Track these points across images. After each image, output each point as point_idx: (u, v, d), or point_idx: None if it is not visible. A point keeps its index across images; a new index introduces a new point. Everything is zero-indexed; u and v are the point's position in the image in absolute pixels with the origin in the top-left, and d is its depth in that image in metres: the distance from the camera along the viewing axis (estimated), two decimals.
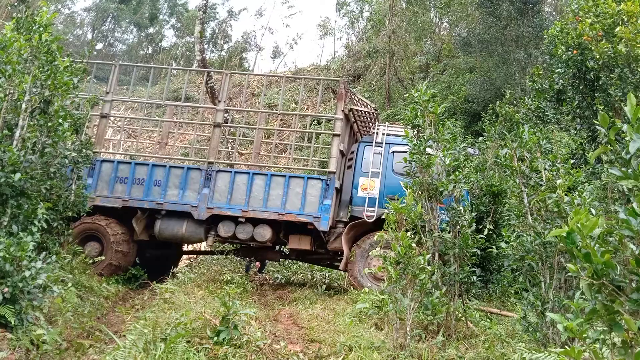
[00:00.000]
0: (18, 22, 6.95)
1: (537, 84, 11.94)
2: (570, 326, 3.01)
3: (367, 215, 10.44)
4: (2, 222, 6.03)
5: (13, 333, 5.11)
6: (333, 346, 6.15)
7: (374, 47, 27.14)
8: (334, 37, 42.20)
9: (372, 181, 10.73)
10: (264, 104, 25.07)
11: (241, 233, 10.67)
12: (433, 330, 6.46)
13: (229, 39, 43.60)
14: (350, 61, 32.97)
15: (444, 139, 7.38)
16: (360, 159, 11.07)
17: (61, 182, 8.29)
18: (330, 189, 10.51)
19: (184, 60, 41.19)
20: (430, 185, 7.15)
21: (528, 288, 5.97)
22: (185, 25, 46.23)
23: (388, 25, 26.31)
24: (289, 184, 10.68)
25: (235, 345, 5.49)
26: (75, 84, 7.83)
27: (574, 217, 2.93)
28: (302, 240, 10.94)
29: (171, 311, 6.57)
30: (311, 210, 10.49)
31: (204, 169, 10.94)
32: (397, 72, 26.42)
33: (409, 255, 5.87)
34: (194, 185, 10.86)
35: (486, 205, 10.38)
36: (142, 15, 49.05)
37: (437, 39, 27.61)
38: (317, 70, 33.39)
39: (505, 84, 19.18)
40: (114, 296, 9.01)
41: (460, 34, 23.24)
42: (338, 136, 10.84)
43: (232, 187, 10.78)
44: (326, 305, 8.75)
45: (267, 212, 10.57)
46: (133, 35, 52.12)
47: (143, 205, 10.71)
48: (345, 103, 11.17)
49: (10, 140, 6.40)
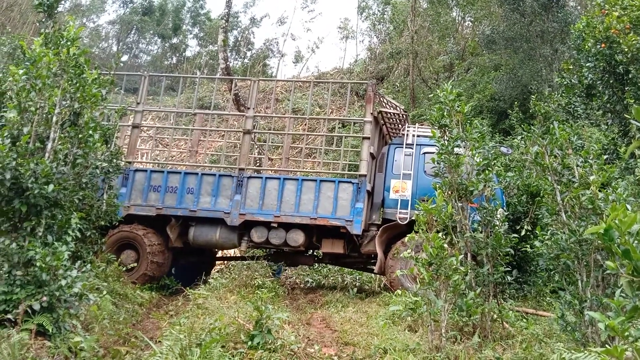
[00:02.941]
0: (46, 37, 7.07)
1: (566, 79, 11.76)
2: (612, 324, 2.94)
3: (400, 218, 10.37)
4: (37, 232, 6.12)
5: (51, 341, 5.20)
6: (367, 349, 6.11)
7: (396, 49, 27.07)
8: (356, 39, 42.30)
9: (404, 183, 10.68)
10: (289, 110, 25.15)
11: (274, 238, 10.71)
12: (468, 332, 6.38)
13: (251, 46, 43.85)
14: (373, 63, 32.87)
15: (472, 138, 7.30)
16: (391, 161, 11.03)
17: (93, 192, 8.45)
18: (361, 192, 10.49)
19: (207, 68, 41.57)
20: (460, 185, 7.08)
21: (564, 287, 5.86)
22: (208, 34, 46.69)
23: (410, 26, 26.20)
24: (320, 188, 10.70)
25: (269, 350, 5.50)
26: (103, 95, 7.95)
27: (610, 214, 2.86)
28: (335, 244, 10.90)
29: (205, 316, 6.62)
30: (343, 214, 10.47)
31: (235, 176, 11.02)
32: (421, 72, 26.29)
33: (441, 256, 5.82)
34: (226, 191, 10.95)
35: (524, 205, 10.18)
36: (166, 26, 49.68)
37: (460, 37, 27.37)
38: (340, 73, 33.38)
39: (531, 80, 18.92)
40: (148, 303, 9.12)
41: (483, 31, 22.98)
42: (368, 139, 10.81)
43: (264, 192, 10.84)
44: (358, 308, 8.72)
45: (299, 216, 10.59)
46: (157, 46, 52.86)
47: (177, 212, 10.84)
48: (373, 106, 11.13)
49: (43, 152, 6.49)
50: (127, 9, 51.62)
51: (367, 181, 10.62)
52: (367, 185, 10.58)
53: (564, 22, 18.37)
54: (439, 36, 26.62)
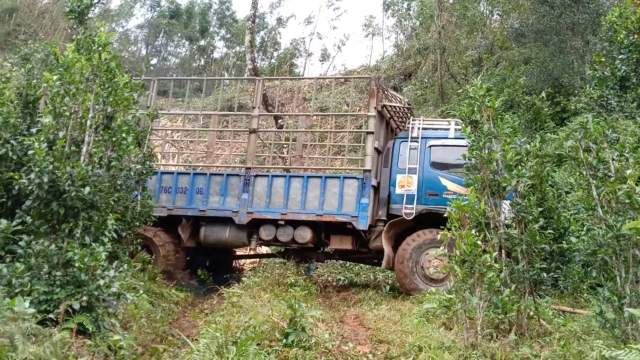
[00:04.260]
0: (78, 44, 7.20)
1: (599, 71, 11.56)
2: None
3: (405, 213, 10.28)
4: (75, 234, 6.26)
5: (91, 339, 5.31)
6: (402, 347, 6.10)
7: (424, 44, 26.84)
8: (382, 36, 42.00)
9: (410, 177, 10.56)
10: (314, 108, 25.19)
11: (282, 236, 10.76)
12: (504, 329, 6.30)
13: (278, 46, 44.05)
14: (400, 60, 32.69)
15: (503, 133, 7.22)
16: (397, 155, 10.91)
17: (127, 193, 8.63)
18: (366, 188, 10.41)
19: (235, 69, 41.93)
20: (492, 181, 7.00)
21: (603, 283, 5.76)
22: (234, 35, 47.06)
23: (437, 21, 25.96)
24: (326, 185, 10.69)
25: (304, 347, 5.52)
26: (135, 99, 8.08)
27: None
28: (343, 240, 10.91)
29: (240, 315, 6.69)
30: (349, 210, 10.42)
31: (243, 175, 11.10)
32: (449, 67, 26.01)
33: (475, 253, 5.77)
34: (234, 191, 11.05)
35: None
36: (193, 29, 50.26)
37: (488, 31, 26.95)
38: (367, 70, 33.23)
39: (563, 73, 18.56)
40: (183, 302, 9.25)
41: (512, 25, 22.63)
42: (372, 134, 10.72)
43: (270, 190, 10.90)
44: (392, 306, 8.70)
45: (305, 213, 10.60)
46: (185, 49, 53.53)
47: (187, 213, 10.97)
48: (377, 100, 11.02)
49: (78, 156, 6.62)
50: (155, 13, 52.41)
51: (372, 176, 10.53)
52: (372, 180, 10.50)
53: (595, 13, 17.99)
54: (467, 31, 26.26)
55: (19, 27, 40.39)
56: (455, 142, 10.52)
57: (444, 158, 10.74)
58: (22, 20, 41.58)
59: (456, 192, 9.93)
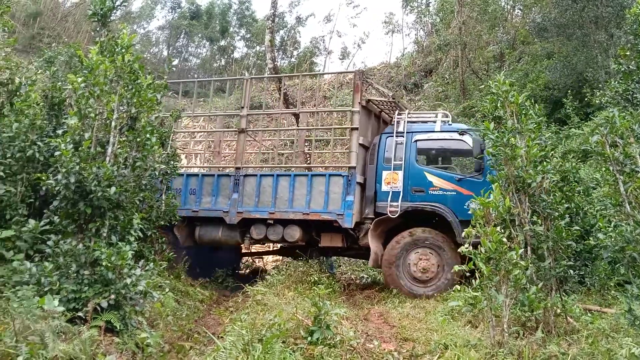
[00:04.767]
0: (102, 46, 7.29)
1: (623, 65, 11.32)
2: None
3: (390, 211, 9.96)
4: (101, 233, 6.35)
5: (119, 337, 5.39)
6: (427, 345, 6.07)
7: (444, 40, 26.63)
8: (402, 33, 41.73)
9: (395, 174, 10.19)
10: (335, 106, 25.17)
11: (272, 234, 10.70)
12: (531, 327, 6.22)
13: (298, 45, 44.10)
14: (420, 56, 32.51)
15: (527, 129, 7.13)
16: (383, 151, 10.54)
17: (152, 193, 8.73)
18: (352, 185, 10.15)
19: (255, 69, 42.04)
20: (516, 177, 6.92)
21: (631, 280, 5.66)
22: (254, 35, 47.28)
23: (457, 17, 25.78)
24: (312, 183, 10.52)
25: (329, 345, 5.53)
26: (158, 100, 8.16)
27: None
28: (333, 239, 10.73)
29: (264, 312, 6.73)
30: (334, 208, 10.22)
31: (233, 175, 11.10)
32: (471, 63, 25.78)
33: (500, 250, 5.71)
34: (225, 191, 11.05)
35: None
36: (213, 29, 50.63)
37: (510, 26, 26.68)
38: (387, 68, 33.15)
39: (587, 67, 18.29)
40: (208, 300, 9.34)
41: (534, 19, 22.34)
42: (356, 130, 10.47)
43: (259, 190, 10.85)
44: (416, 304, 8.66)
45: (292, 212, 10.50)
46: (206, 49, 53.98)
47: (181, 213, 10.81)
48: (361, 95, 10.75)
49: (104, 156, 6.71)
50: (176, 14, 52.96)
51: (357, 173, 10.28)
52: (357, 177, 10.25)
53: (619, 6, 17.68)
54: (488, 26, 26.03)
55: (43, 30, 41.11)
56: (441, 136, 10.29)
57: (430, 153, 10.57)
58: (45, 24, 42.32)
59: (443, 187, 9.78)
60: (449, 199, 9.71)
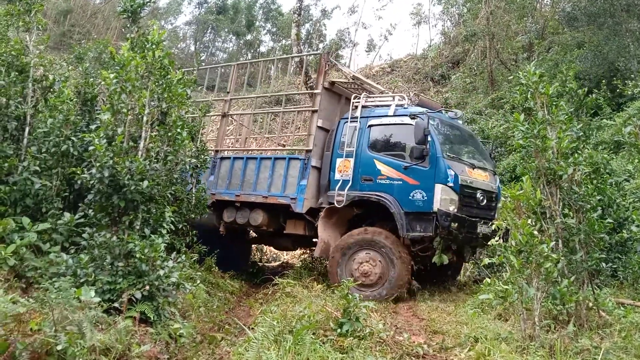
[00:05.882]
0: (132, 42, 7.40)
1: None
2: None
3: (337, 200, 9.40)
4: (135, 226, 6.48)
5: (153, 327, 5.50)
6: (457, 337, 6.07)
7: (471, 31, 26.25)
8: (428, 24, 41.33)
9: (347, 161, 9.63)
10: None
11: (239, 218, 10.54)
12: (563, 320, 6.16)
13: (323, 38, 44.00)
14: (447, 47, 32.13)
15: (558, 120, 7.02)
16: (340, 137, 9.98)
17: (183, 186, 8.87)
18: (307, 169, 9.79)
19: (282, 62, 42.08)
20: (547, 169, 6.83)
21: None
22: (280, 29, 47.31)
23: (485, 7, 25.39)
24: (274, 166, 10.31)
25: (358, 337, 5.57)
26: (188, 94, 8.26)
27: None
28: (297, 225, 10.35)
29: (294, 304, 6.79)
30: (290, 192, 9.87)
31: (212, 158, 10.99)
32: (499, 54, 25.37)
33: (531, 243, 5.66)
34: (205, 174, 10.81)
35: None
36: (240, 24, 50.83)
37: (539, 16, 26.15)
38: (414, 59, 32.86)
39: (618, 57, 17.90)
40: (238, 291, 9.46)
41: (564, 8, 21.91)
42: (316, 112, 10.11)
43: (231, 173, 10.79)
44: (445, 297, 8.65)
45: (254, 195, 10.32)
46: (232, 44, 54.29)
47: None
48: (324, 77, 10.33)
49: (136, 151, 6.83)
50: (202, 9, 53.39)
51: (313, 157, 9.86)
52: (313, 161, 9.84)
53: None
54: (517, 16, 25.58)
55: (73, 27, 41.90)
56: (394, 120, 9.57)
57: (383, 139, 9.71)
58: (76, 21, 43.12)
59: (390, 176, 9.13)
60: (395, 189, 9.05)
